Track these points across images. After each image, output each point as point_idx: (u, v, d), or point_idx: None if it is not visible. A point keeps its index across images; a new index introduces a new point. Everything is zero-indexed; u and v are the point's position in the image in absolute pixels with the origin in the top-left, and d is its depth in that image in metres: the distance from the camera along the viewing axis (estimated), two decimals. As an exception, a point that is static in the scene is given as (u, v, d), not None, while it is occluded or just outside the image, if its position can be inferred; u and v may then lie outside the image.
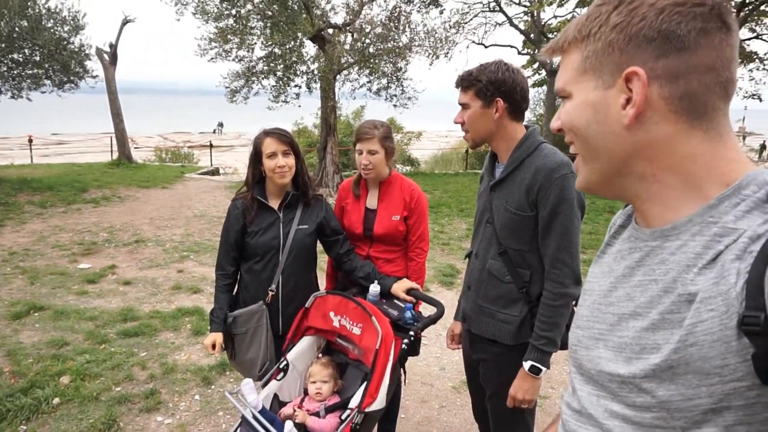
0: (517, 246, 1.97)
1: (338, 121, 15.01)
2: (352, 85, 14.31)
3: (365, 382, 2.13)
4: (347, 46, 12.76)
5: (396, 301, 2.51)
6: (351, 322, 2.34)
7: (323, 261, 2.87)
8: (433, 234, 8.71)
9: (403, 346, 2.21)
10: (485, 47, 19.66)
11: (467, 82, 1.94)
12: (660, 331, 0.71)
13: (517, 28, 19.29)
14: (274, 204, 2.57)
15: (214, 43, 12.82)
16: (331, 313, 2.41)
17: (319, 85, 13.53)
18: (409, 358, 2.64)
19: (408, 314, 2.36)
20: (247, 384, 2.23)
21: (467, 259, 2.29)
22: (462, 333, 2.40)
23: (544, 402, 3.72)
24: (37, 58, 12.44)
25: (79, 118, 62.20)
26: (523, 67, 19.39)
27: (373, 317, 2.21)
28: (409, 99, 14.34)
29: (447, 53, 15.43)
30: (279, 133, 2.50)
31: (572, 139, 0.84)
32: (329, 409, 2.25)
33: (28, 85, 12.88)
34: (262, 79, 13.50)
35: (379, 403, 2.08)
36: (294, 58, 12.92)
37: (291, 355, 2.45)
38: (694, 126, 0.72)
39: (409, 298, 2.50)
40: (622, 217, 0.94)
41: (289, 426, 2.09)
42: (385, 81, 14.03)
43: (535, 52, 19.38)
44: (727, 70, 0.72)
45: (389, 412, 2.94)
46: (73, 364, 3.99)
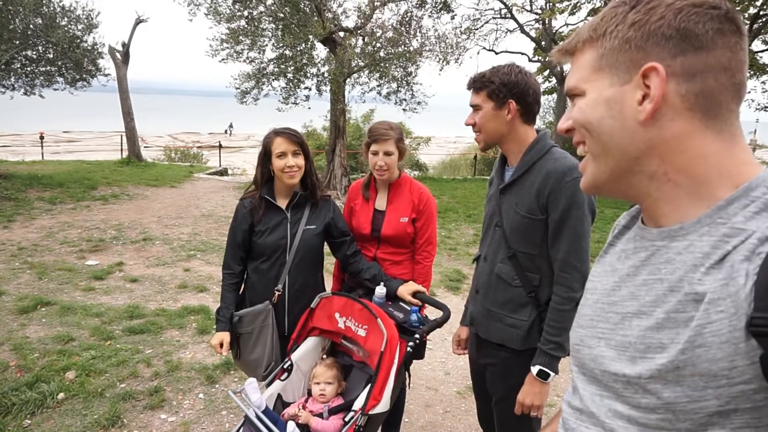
0: (527, 249, 1.95)
1: (347, 125, 15.03)
2: (362, 89, 14.32)
3: (369, 385, 2.12)
4: (358, 50, 12.77)
5: (402, 304, 2.50)
6: (356, 324, 2.33)
7: (329, 263, 2.86)
8: (441, 239, 8.70)
9: (408, 348, 2.20)
10: (496, 53, 19.63)
11: (480, 83, 1.93)
12: (665, 330, 0.71)
13: (529, 36, 19.25)
14: (282, 204, 2.57)
15: (225, 44, 12.88)
16: (337, 314, 2.40)
17: (329, 88, 13.56)
18: (414, 361, 2.63)
19: (414, 317, 2.35)
20: (251, 383, 2.22)
21: (475, 262, 2.28)
22: (468, 338, 2.38)
23: (549, 410, 3.69)
24: (51, 56, 12.57)
25: (90, 117, 62.69)
26: (534, 74, 19.34)
27: (379, 319, 2.20)
28: (419, 104, 14.33)
29: (457, 59, 15.43)
30: (289, 133, 2.50)
31: (583, 138, 0.83)
32: (333, 411, 2.24)
33: (41, 82, 13.01)
34: (273, 80, 13.54)
35: (383, 405, 2.07)
36: (305, 61, 12.95)
37: (295, 356, 2.44)
38: (708, 126, 0.73)
39: (415, 301, 2.48)
40: (626, 218, 0.94)
41: (291, 426, 2.08)
42: (395, 85, 14.03)
43: (546, 59, 19.36)
44: (741, 73, 0.73)
45: (393, 416, 2.93)
46: (79, 360, 4.01)
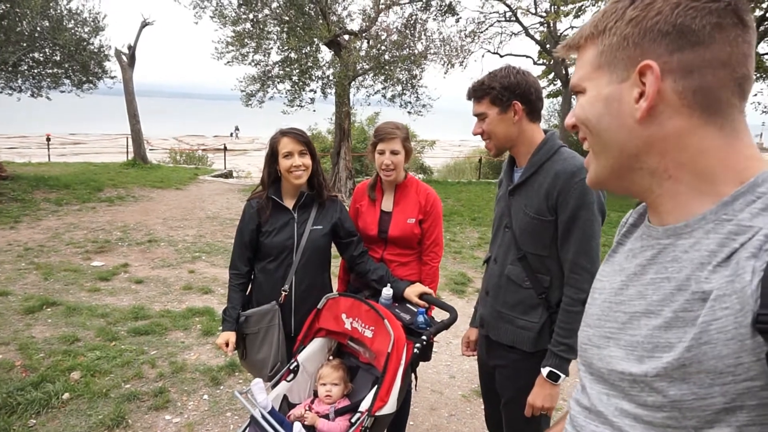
0: (537, 251, 1.94)
1: (352, 127, 15.05)
2: (367, 92, 14.33)
3: (376, 386, 2.11)
4: (363, 53, 12.78)
5: (409, 306, 2.49)
6: (363, 325, 2.32)
7: (335, 265, 2.85)
8: (446, 242, 8.67)
9: (415, 350, 2.19)
10: (501, 56, 19.61)
11: (480, 91, 1.93)
12: (673, 330, 0.70)
13: (533, 39, 19.24)
14: (289, 204, 2.56)
15: (231, 47, 12.92)
16: (343, 315, 2.40)
17: (334, 91, 13.57)
18: (420, 364, 2.62)
19: (420, 318, 2.34)
20: (257, 384, 2.21)
21: (485, 264, 2.26)
22: (477, 340, 2.37)
23: (556, 414, 3.66)
24: (58, 58, 12.65)
25: (96, 119, 63.04)
26: (539, 77, 19.33)
27: (386, 320, 2.20)
28: (424, 107, 14.32)
29: (462, 62, 15.42)
30: (296, 133, 2.51)
31: (585, 135, 0.84)
32: (339, 412, 2.23)
33: (47, 84, 13.09)
34: (278, 83, 13.56)
35: (390, 407, 2.06)
36: (310, 63, 12.97)
37: (301, 357, 2.43)
38: (709, 122, 0.72)
39: (421, 303, 2.47)
40: (634, 216, 0.93)
41: (297, 427, 2.08)
42: (399, 88, 14.03)
43: (551, 62, 19.35)
44: (743, 67, 0.71)
45: (398, 419, 2.92)
46: (84, 360, 4.01)
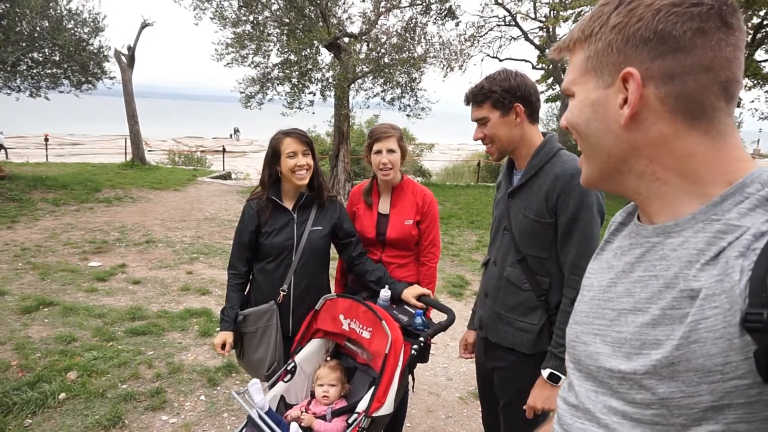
0: (536, 253, 1.94)
1: (351, 130, 15.07)
2: (366, 94, 14.38)
3: (373, 387, 2.11)
4: (362, 55, 12.81)
5: (406, 307, 2.49)
6: (361, 326, 2.32)
7: (332, 267, 2.85)
8: (443, 245, 8.69)
9: (413, 351, 2.19)
10: (500, 61, 19.71)
11: (481, 96, 1.92)
12: (660, 327, 0.71)
13: (533, 43, 19.33)
14: (289, 205, 2.57)
15: (230, 49, 12.95)
16: (341, 316, 2.40)
17: (333, 93, 13.60)
18: (417, 366, 2.62)
19: (418, 320, 2.34)
20: (254, 384, 2.21)
21: (483, 267, 2.26)
22: (475, 342, 2.37)
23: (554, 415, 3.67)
24: (57, 58, 12.66)
25: (95, 120, 63.01)
26: (538, 82, 19.40)
27: (384, 321, 2.19)
28: (423, 110, 14.36)
29: (461, 66, 15.48)
30: (298, 133, 2.53)
31: (576, 138, 0.86)
32: (336, 413, 2.23)
33: (46, 84, 13.10)
34: (277, 85, 13.60)
35: (387, 408, 2.06)
36: (309, 66, 13.00)
37: (299, 357, 2.43)
38: (693, 126, 0.73)
39: (419, 304, 2.48)
40: (623, 215, 0.94)
41: (294, 428, 2.07)
42: (399, 91, 14.06)
43: (550, 66, 19.41)
44: (727, 70, 0.71)
45: (395, 421, 2.91)
46: (81, 360, 4.00)
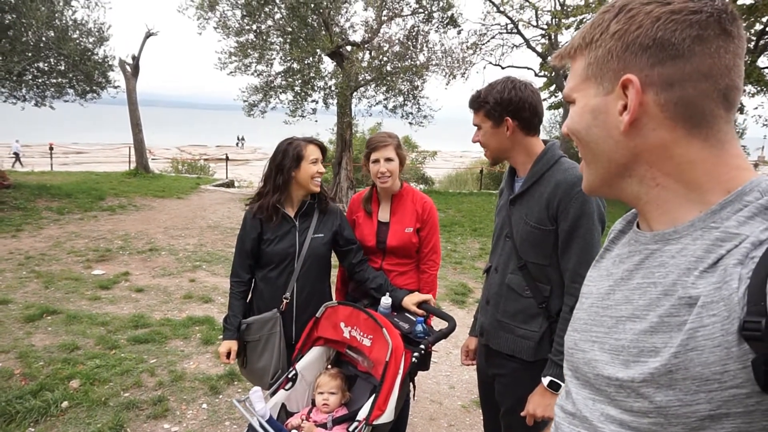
0: (537, 260, 1.95)
1: (354, 138, 15.11)
2: (369, 102, 14.42)
3: (374, 395, 2.11)
4: (365, 64, 12.87)
5: (407, 314, 2.49)
6: (361, 334, 2.33)
7: (332, 275, 2.86)
8: (446, 252, 8.68)
9: (414, 359, 2.19)
10: (502, 68, 19.74)
11: (476, 104, 1.98)
12: (658, 334, 0.71)
13: (535, 51, 19.37)
14: (290, 212, 2.58)
15: (234, 57, 13.03)
16: (342, 324, 2.40)
17: (335, 101, 13.64)
18: (419, 374, 2.61)
19: (419, 327, 2.34)
20: (256, 392, 2.21)
21: (485, 274, 2.27)
22: (477, 349, 2.37)
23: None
24: (62, 68, 12.75)
25: (99, 129, 63.36)
26: (540, 89, 19.42)
27: (384, 329, 2.20)
28: (425, 117, 14.38)
29: (464, 73, 15.50)
30: (319, 142, 2.60)
31: (577, 144, 0.86)
32: (336, 421, 2.23)
33: (51, 94, 13.19)
34: (280, 93, 13.65)
35: (388, 416, 2.06)
36: (312, 74, 13.06)
37: (300, 365, 2.43)
38: (693, 133, 0.73)
39: (420, 312, 2.48)
40: (622, 223, 0.94)
41: (295, 436, 2.08)
42: (401, 99, 14.10)
43: (552, 74, 19.44)
44: (727, 77, 0.72)
45: (396, 429, 2.91)
46: (84, 369, 4.01)
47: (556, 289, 1.95)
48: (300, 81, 13.10)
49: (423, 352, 2.22)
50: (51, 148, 19.96)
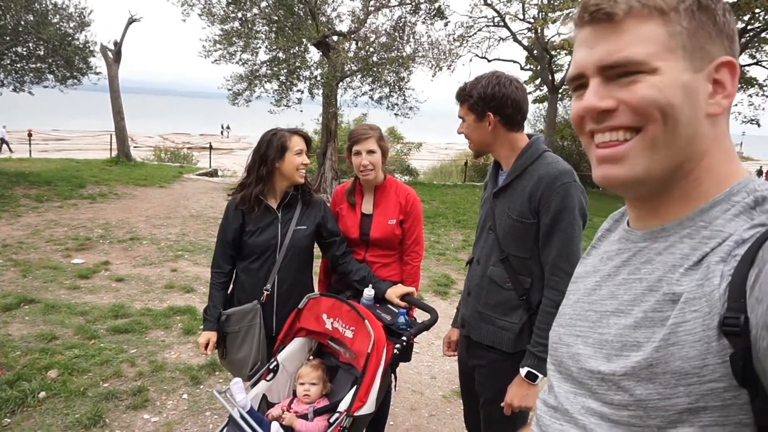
0: (519, 253, 1.97)
1: (339, 128, 15.05)
2: (354, 93, 14.39)
3: (355, 386, 2.11)
4: (351, 54, 12.81)
5: (390, 306, 2.49)
6: (343, 325, 2.32)
7: (315, 266, 2.85)
8: (429, 244, 8.71)
9: (395, 351, 2.20)
10: (488, 61, 19.79)
11: (461, 97, 2.01)
12: (641, 329, 0.72)
13: (521, 44, 19.43)
14: (273, 204, 2.56)
15: (218, 45, 12.89)
16: (324, 315, 2.40)
17: (321, 92, 13.58)
18: (400, 365, 2.62)
19: (401, 319, 2.35)
20: (236, 383, 2.20)
21: (468, 266, 2.29)
22: (458, 340, 2.39)
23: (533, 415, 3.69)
24: (41, 53, 12.52)
25: (80, 116, 62.29)
26: (525, 83, 19.49)
27: (366, 321, 2.20)
28: (411, 109, 14.40)
29: (450, 65, 15.52)
30: (303, 134, 2.58)
31: (643, 122, 0.72)
32: (318, 412, 2.23)
33: (30, 79, 12.94)
34: (265, 82, 13.56)
35: (369, 407, 2.07)
36: (297, 64, 12.97)
37: (281, 356, 2.43)
38: (728, 130, 0.75)
39: (403, 304, 2.48)
40: (610, 222, 0.95)
41: (275, 427, 2.07)
42: (387, 90, 14.09)
43: (537, 68, 19.51)
44: None
45: (378, 419, 2.92)
46: (62, 359, 3.96)
47: (536, 282, 1.97)
48: (285, 70, 13.01)
49: (405, 343, 2.22)
50: (30, 135, 19.56)
